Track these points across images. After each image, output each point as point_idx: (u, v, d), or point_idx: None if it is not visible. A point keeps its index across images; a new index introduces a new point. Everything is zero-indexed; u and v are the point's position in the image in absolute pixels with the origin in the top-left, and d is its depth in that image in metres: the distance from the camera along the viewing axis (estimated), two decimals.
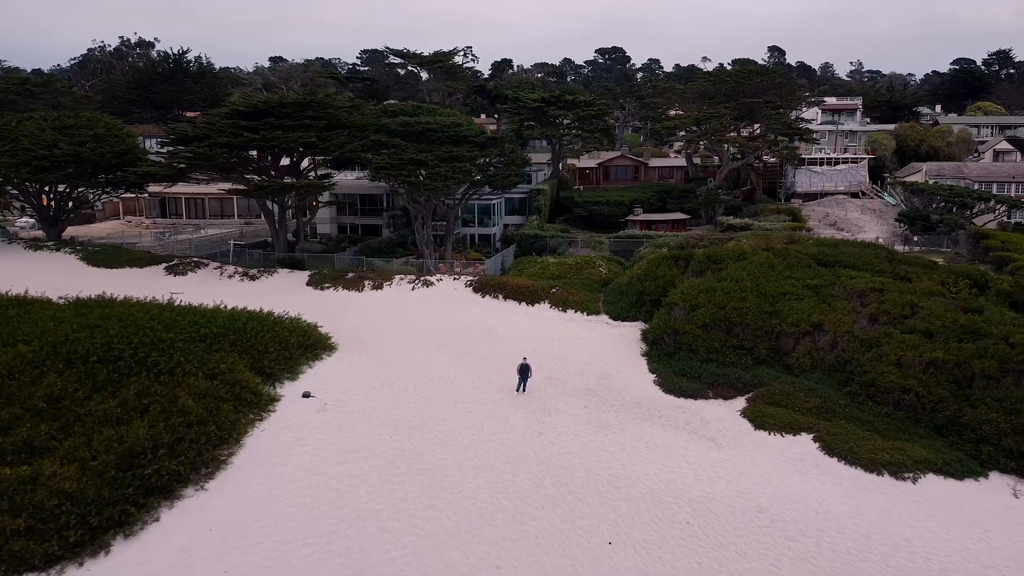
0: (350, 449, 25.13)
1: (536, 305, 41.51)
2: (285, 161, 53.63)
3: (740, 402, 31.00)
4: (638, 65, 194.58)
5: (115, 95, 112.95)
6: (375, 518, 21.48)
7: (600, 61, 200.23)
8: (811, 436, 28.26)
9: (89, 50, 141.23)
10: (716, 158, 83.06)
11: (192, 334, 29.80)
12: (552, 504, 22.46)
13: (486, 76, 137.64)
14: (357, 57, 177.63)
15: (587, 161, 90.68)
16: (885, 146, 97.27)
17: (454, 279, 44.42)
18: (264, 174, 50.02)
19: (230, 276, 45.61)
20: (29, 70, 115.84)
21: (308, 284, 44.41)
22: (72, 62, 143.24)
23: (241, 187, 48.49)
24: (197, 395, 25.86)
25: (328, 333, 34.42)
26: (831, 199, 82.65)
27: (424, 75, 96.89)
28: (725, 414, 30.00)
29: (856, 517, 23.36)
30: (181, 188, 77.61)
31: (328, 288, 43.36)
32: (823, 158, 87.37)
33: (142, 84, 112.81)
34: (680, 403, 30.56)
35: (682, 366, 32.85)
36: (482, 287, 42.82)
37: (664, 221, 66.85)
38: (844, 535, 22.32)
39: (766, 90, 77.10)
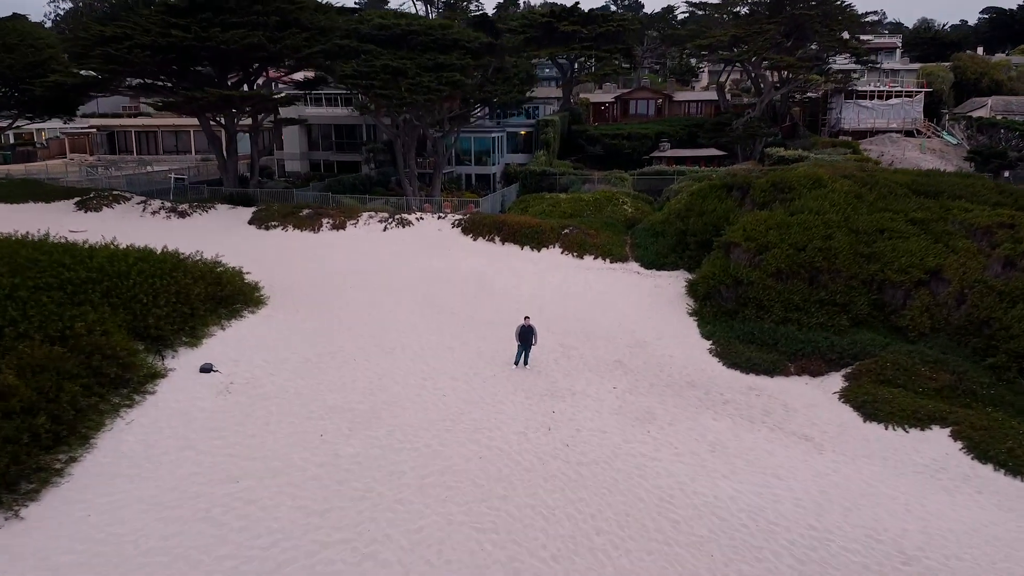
0: (255, 456, 16.54)
1: (544, 250, 32.54)
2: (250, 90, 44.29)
3: (835, 380, 22.21)
4: (651, 14, 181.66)
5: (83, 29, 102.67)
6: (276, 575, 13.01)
7: (613, 8, 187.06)
8: (947, 431, 19.65)
9: None
10: (750, 91, 73.22)
11: (49, 280, 21.06)
12: (570, 554, 13.87)
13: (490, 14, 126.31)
14: (355, 2, 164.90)
15: (602, 95, 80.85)
16: (943, 79, 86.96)
17: (439, 218, 35.41)
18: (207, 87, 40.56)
19: (154, 212, 36.75)
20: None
21: (250, 223, 35.57)
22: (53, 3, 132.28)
23: (169, 100, 39.17)
24: (29, 368, 17.30)
25: (259, 282, 25.63)
26: (884, 137, 72.90)
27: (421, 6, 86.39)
28: (817, 398, 21.22)
29: None
30: (130, 121, 69.17)
31: (275, 227, 34.51)
32: (873, 91, 77.18)
33: (115, 19, 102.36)
34: (751, 382, 21.76)
35: (749, 329, 23.98)
36: (474, 227, 33.86)
37: (696, 157, 57.38)
38: None
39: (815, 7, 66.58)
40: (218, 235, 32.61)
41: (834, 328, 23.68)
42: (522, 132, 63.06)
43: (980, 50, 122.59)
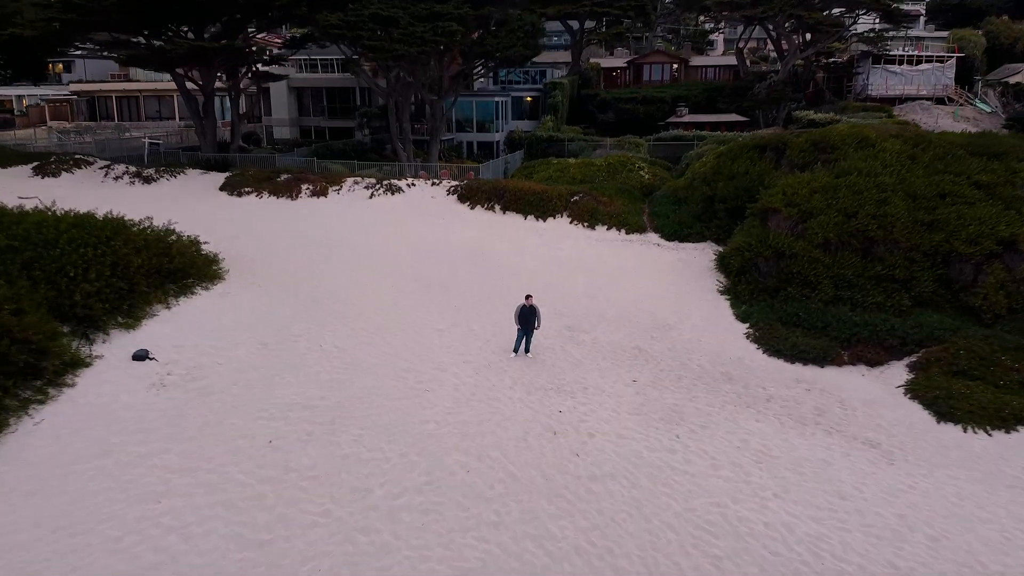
0: (186, 467, 13.33)
1: (550, 219, 29.12)
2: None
3: (898, 370, 18.80)
4: None
5: None
6: None
7: None
8: None
9: None
10: (768, 59, 69.21)
11: None
12: None
13: None
14: None
15: (614, 60, 76.71)
16: (975, 44, 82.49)
17: (432, 184, 31.96)
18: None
19: (116, 178, 33.48)
20: None
21: (222, 189, 32.26)
22: None
23: (134, 53, 35.67)
24: None
25: (218, 254, 22.32)
26: (915, 105, 68.64)
27: None
28: (878, 392, 17.83)
29: None
30: (111, 86, 65.73)
31: (249, 194, 31.17)
32: (903, 55, 72.85)
33: None
34: (798, 373, 18.38)
35: (793, 310, 20.54)
36: (471, 194, 30.42)
37: (716, 123, 53.51)
38: None
39: None
40: (184, 202, 29.36)
41: (893, 308, 20.23)
42: (528, 98, 59.49)
43: (1005, 18, 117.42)
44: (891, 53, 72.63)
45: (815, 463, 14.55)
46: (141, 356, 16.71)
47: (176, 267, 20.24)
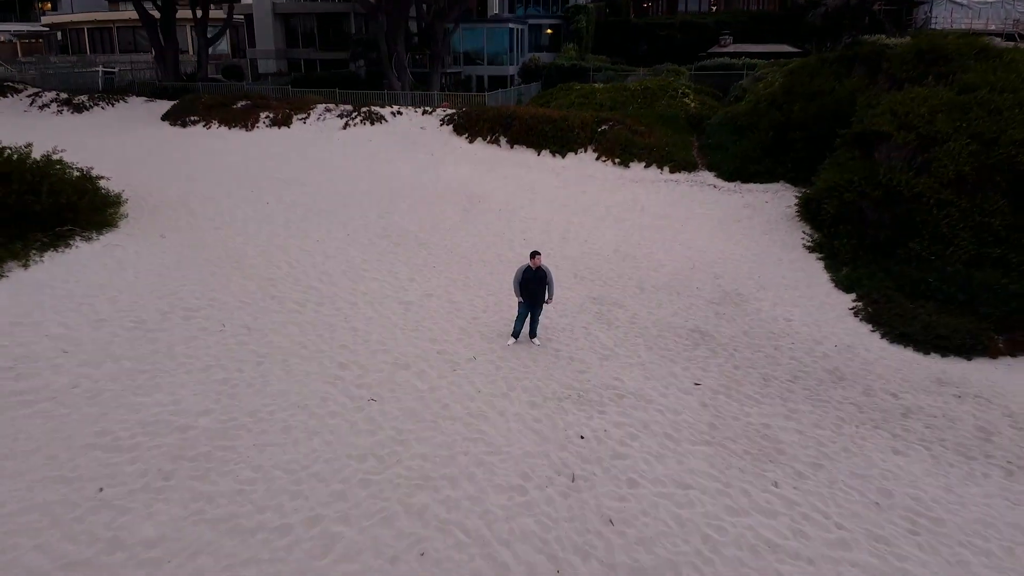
0: None
1: (571, 155, 23.19)
2: None
3: None
4: None
5: None
6: None
7: None
8: None
9: None
10: None
11: None
12: None
13: None
14: None
15: None
16: None
17: (423, 113, 26.05)
18: None
19: (43, 106, 27.93)
20: None
21: (164, 118, 26.67)
22: None
23: None
24: None
25: (121, 193, 16.76)
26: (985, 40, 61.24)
27: None
28: None
29: None
30: (82, 17, 60.17)
31: (195, 124, 25.55)
32: None
33: None
34: (937, 368, 12.55)
35: (920, 275, 14.65)
36: (471, 124, 24.54)
37: (764, 54, 46.62)
38: None
39: None
40: (114, 133, 23.85)
41: None
42: (547, 30, 53.11)
43: None
44: None
45: (1004, 531, 8.86)
46: None
47: (47, 208, 14.73)
